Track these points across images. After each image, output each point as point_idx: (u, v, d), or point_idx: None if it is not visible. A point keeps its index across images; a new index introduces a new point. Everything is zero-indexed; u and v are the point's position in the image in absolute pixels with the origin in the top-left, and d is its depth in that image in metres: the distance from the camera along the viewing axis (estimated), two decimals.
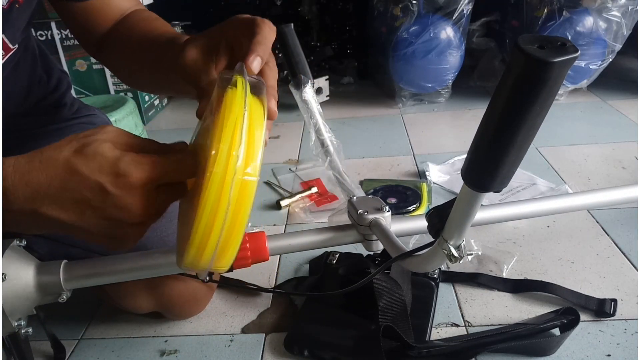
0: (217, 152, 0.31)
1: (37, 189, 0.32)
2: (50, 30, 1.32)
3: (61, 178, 0.32)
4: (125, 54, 0.52)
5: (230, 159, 0.31)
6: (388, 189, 0.93)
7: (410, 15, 1.26)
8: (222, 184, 0.31)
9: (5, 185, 0.32)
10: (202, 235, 0.32)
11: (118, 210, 0.33)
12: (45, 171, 0.32)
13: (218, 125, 0.32)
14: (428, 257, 0.39)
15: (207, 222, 0.32)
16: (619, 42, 1.24)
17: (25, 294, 0.43)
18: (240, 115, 0.32)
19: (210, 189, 0.31)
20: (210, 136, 0.33)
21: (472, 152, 0.29)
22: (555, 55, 0.21)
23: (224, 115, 0.32)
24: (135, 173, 0.32)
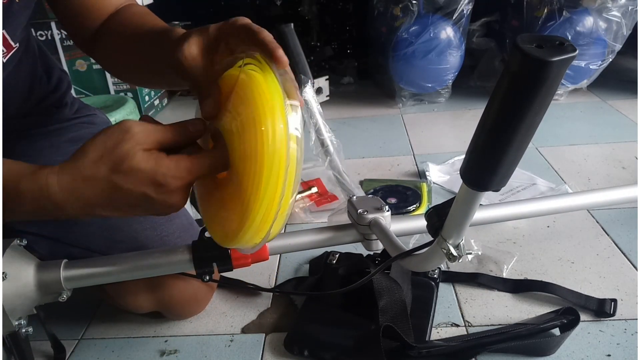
0: (266, 128, 0.34)
1: (87, 202, 0.36)
2: (50, 30, 1.32)
3: (107, 194, 0.36)
4: (118, 49, 0.52)
5: (278, 134, 0.34)
6: (388, 189, 0.93)
7: (410, 15, 1.26)
8: (277, 158, 0.34)
9: (57, 199, 0.36)
10: (263, 211, 0.35)
11: (163, 209, 0.38)
12: (91, 189, 0.36)
13: (254, 100, 0.35)
14: (427, 257, 0.39)
15: (267, 200, 0.35)
16: (619, 42, 1.24)
17: (25, 293, 0.43)
18: (277, 88, 0.35)
19: (266, 166, 0.34)
20: (246, 115, 0.35)
21: (470, 151, 0.29)
22: (554, 54, 0.21)
23: (261, 89, 0.35)
24: (173, 183, 0.36)
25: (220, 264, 0.47)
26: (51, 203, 0.36)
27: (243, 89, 0.37)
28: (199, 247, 0.46)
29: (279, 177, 0.35)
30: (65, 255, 0.47)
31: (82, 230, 0.56)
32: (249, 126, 0.35)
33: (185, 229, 0.61)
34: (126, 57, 0.52)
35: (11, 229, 0.53)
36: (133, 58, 0.51)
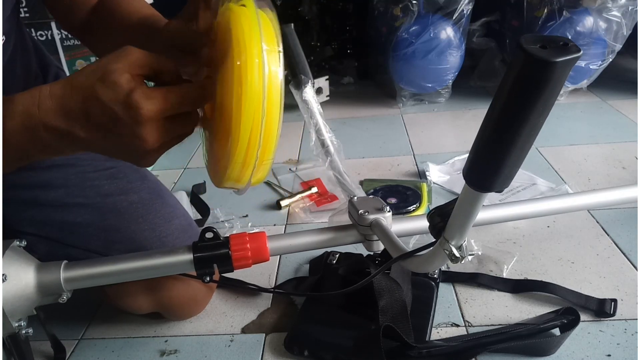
0: (242, 63, 0.34)
1: (69, 112, 0.36)
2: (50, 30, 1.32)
3: (86, 104, 0.36)
4: (108, 36, 0.53)
5: (254, 68, 0.34)
6: (388, 189, 0.93)
7: (410, 15, 1.26)
8: (254, 92, 0.34)
9: (45, 106, 0.36)
10: (244, 146, 0.36)
11: (131, 138, 0.36)
12: (75, 97, 0.36)
13: (233, 37, 0.35)
14: (429, 258, 0.39)
15: (246, 133, 0.35)
16: (619, 42, 1.23)
17: (25, 295, 0.43)
18: (255, 26, 0.35)
19: (243, 99, 0.34)
20: (224, 51, 0.35)
21: (473, 152, 0.29)
22: (558, 55, 0.21)
23: (239, 22, 0.35)
24: (145, 105, 0.35)
25: (221, 264, 0.47)
26: (39, 112, 0.36)
27: (224, 27, 0.38)
28: (200, 248, 0.46)
29: (257, 110, 0.35)
30: (64, 256, 0.47)
31: (81, 231, 0.56)
32: (226, 62, 0.36)
33: (184, 229, 0.61)
34: (117, 46, 0.53)
35: (11, 230, 0.53)
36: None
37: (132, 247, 0.56)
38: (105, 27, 0.53)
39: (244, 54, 0.35)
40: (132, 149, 0.37)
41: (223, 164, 0.38)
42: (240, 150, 0.36)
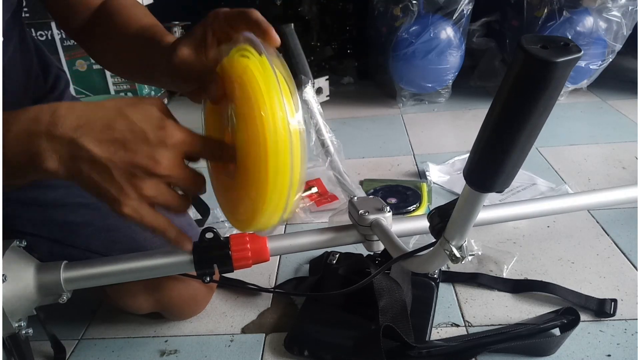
0: (266, 113, 0.35)
1: (85, 122, 0.36)
2: (50, 30, 1.32)
3: (110, 118, 0.36)
4: (108, 44, 0.53)
5: (278, 117, 0.36)
6: (388, 189, 0.93)
7: (410, 15, 1.26)
8: (281, 141, 0.35)
9: (59, 112, 0.36)
10: (275, 197, 0.37)
11: (148, 159, 0.36)
12: (99, 111, 0.36)
13: (251, 89, 0.36)
14: (430, 258, 0.39)
15: (276, 184, 0.36)
16: (619, 42, 1.24)
17: (25, 295, 0.43)
18: (271, 76, 0.36)
19: (270, 148, 0.35)
20: (243, 104, 0.36)
21: (474, 153, 0.29)
22: (559, 55, 0.21)
23: (253, 79, 0.36)
24: (176, 133, 0.37)
25: (221, 265, 0.47)
26: (50, 118, 0.35)
27: (240, 76, 0.38)
28: (200, 249, 0.46)
29: (285, 161, 0.36)
30: (64, 256, 0.47)
31: (81, 231, 0.56)
32: (248, 112, 0.36)
33: (185, 230, 0.60)
34: (115, 54, 0.53)
35: (11, 230, 0.53)
36: (123, 56, 0.52)
37: (132, 246, 0.56)
38: (105, 32, 0.53)
39: (267, 106, 0.35)
40: (133, 174, 0.36)
41: (249, 212, 0.39)
42: (271, 201, 0.37)
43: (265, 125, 0.35)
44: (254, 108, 0.36)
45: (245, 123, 0.37)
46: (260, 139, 0.35)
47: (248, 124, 0.36)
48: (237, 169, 0.39)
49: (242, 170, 0.38)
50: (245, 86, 0.37)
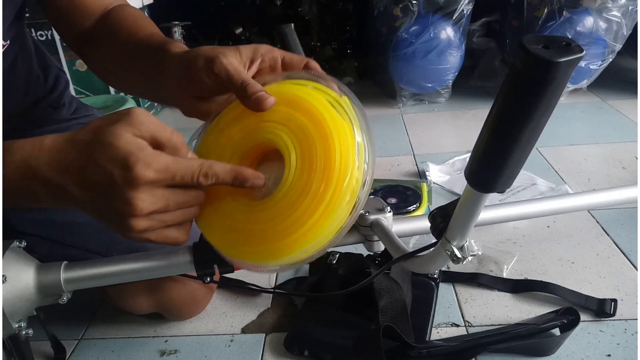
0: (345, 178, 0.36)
1: (65, 167, 0.35)
2: (50, 30, 1.32)
3: (82, 161, 0.34)
4: (110, 55, 0.51)
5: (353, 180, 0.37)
6: (388, 188, 0.92)
7: (410, 15, 1.26)
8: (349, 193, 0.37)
9: (43, 157, 0.35)
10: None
11: (123, 204, 0.34)
12: (72, 153, 0.35)
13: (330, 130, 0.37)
14: (431, 258, 0.39)
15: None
16: (619, 42, 1.24)
17: (25, 296, 0.43)
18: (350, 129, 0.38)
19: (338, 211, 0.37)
20: (320, 142, 0.37)
21: (475, 153, 0.29)
22: (561, 55, 0.21)
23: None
24: (141, 171, 0.33)
25: (221, 265, 0.47)
26: (37, 163, 0.35)
27: (318, 113, 0.38)
28: (200, 249, 0.46)
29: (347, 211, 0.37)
30: (64, 257, 0.47)
31: (81, 231, 0.56)
32: (324, 157, 0.37)
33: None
34: (115, 65, 0.51)
35: (11, 230, 0.53)
36: (123, 67, 0.50)
37: (133, 247, 0.56)
38: (108, 41, 0.51)
39: (345, 164, 0.37)
40: (119, 215, 0.35)
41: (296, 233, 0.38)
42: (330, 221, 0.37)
43: (341, 179, 0.36)
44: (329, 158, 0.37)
45: (315, 164, 0.37)
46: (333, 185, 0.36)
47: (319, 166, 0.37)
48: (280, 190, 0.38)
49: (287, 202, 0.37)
50: (324, 126, 0.37)
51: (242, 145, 0.41)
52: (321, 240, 0.37)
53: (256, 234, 0.38)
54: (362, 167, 0.37)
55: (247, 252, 0.39)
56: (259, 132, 0.40)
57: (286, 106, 0.39)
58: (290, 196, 0.37)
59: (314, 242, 0.37)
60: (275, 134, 0.39)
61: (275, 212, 0.38)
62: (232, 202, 0.40)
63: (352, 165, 0.36)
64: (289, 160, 0.38)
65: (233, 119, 0.42)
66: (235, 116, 0.42)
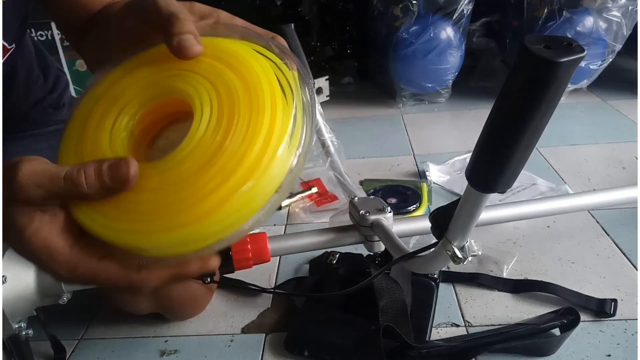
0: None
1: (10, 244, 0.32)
2: (50, 30, 1.32)
3: (15, 241, 0.30)
4: (105, 48, 0.49)
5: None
6: (388, 189, 0.92)
7: (410, 15, 1.26)
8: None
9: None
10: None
11: (56, 278, 0.31)
12: (10, 230, 0.30)
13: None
14: (432, 258, 0.39)
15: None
16: (619, 42, 1.24)
17: (25, 296, 0.43)
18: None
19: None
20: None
21: (476, 153, 0.29)
22: (562, 55, 0.21)
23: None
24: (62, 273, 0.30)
25: (222, 265, 0.46)
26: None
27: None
28: None
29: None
30: None
31: None
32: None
33: None
34: (107, 54, 0.50)
35: None
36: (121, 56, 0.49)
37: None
38: (101, 35, 0.49)
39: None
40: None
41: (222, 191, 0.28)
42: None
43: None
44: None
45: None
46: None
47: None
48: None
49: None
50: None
51: (145, 93, 0.32)
52: (238, 218, 0.28)
53: (144, 206, 0.28)
54: (294, 146, 0.29)
55: (125, 231, 0.29)
56: (172, 80, 0.32)
57: (217, 60, 0.32)
58: (198, 155, 0.28)
59: (229, 219, 0.28)
60: (190, 83, 0.31)
61: (173, 177, 0.28)
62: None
63: (282, 137, 0.29)
64: (199, 113, 0.29)
65: (146, 61, 0.33)
66: (151, 59, 0.33)
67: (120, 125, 0.32)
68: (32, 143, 0.58)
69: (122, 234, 0.28)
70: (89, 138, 0.31)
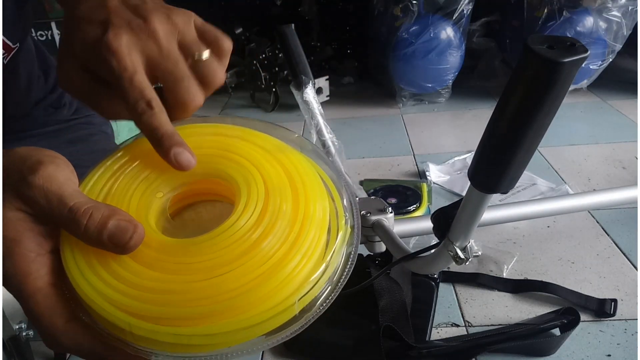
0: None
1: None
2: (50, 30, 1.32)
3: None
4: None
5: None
6: (388, 189, 0.92)
7: (410, 15, 1.26)
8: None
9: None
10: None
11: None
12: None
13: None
14: (433, 259, 0.39)
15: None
16: (619, 42, 1.24)
17: None
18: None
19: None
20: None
21: (479, 154, 0.29)
22: (565, 55, 0.21)
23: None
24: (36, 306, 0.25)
25: None
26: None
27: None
28: None
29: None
30: None
31: None
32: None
33: None
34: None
35: None
36: None
37: None
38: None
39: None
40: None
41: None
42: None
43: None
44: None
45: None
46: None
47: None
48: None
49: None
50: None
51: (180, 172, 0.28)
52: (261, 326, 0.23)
53: (153, 284, 0.24)
54: (327, 275, 0.26)
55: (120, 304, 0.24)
56: (211, 162, 0.29)
57: (275, 161, 0.29)
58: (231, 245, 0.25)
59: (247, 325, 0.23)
60: (233, 168, 0.28)
61: (196, 259, 0.24)
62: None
63: (319, 263, 0.26)
64: (244, 203, 0.26)
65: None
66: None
67: (156, 187, 0.28)
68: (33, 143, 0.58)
69: (111, 305, 0.24)
70: (118, 190, 0.28)
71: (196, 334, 0.23)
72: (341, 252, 0.28)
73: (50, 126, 0.61)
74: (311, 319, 0.26)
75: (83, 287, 0.24)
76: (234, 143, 0.29)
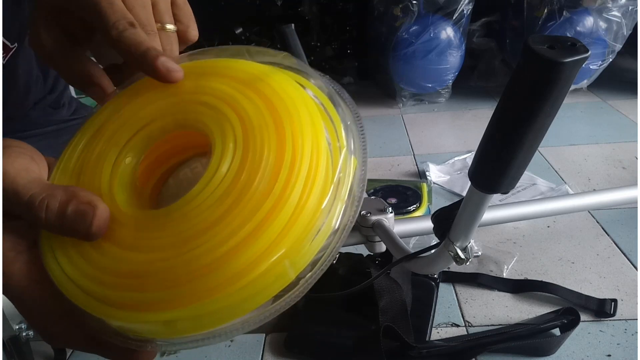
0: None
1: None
2: None
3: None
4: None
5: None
6: (388, 189, 0.92)
7: (410, 15, 1.26)
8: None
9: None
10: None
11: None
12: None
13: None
14: (434, 259, 0.39)
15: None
16: (619, 42, 1.24)
17: None
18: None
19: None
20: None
21: (479, 154, 0.29)
22: (566, 55, 0.21)
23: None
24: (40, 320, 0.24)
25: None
26: None
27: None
28: None
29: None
30: None
31: None
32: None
33: None
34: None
35: None
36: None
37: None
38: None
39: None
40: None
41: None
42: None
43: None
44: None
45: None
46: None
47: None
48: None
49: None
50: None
51: (149, 129, 0.25)
52: (266, 291, 0.22)
53: (138, 268, 0.21)
54: (340, 199, 0.23)
55: (139, 301, 0.21)
56: (181, 111, 0.25)
57: (245, 86, 0.25)
58: (218, 199, 0.21)
59: (253, 293, 0.21)
60: (205, 114, 0.24)
61: (181, 230, 0.21)
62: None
63: (327, 187, 0.22)
64: (220, 147, 0.23)
65: (143, 87, 0.26)
66: (146, 85, 0.26)
67: (127, 152, 0.25)
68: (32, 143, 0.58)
69: (92, 298, 0.22)
70: (91, 161, 0.25)
71: (181, 317, 0.20)
72: (344, 190, 0.23)
73: (49, 126, 0.61)
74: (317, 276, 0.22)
75: (61, 280, 0.22)
76: (205, 83, 0.25)
